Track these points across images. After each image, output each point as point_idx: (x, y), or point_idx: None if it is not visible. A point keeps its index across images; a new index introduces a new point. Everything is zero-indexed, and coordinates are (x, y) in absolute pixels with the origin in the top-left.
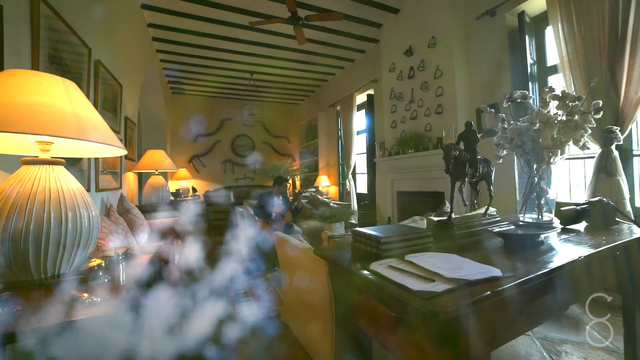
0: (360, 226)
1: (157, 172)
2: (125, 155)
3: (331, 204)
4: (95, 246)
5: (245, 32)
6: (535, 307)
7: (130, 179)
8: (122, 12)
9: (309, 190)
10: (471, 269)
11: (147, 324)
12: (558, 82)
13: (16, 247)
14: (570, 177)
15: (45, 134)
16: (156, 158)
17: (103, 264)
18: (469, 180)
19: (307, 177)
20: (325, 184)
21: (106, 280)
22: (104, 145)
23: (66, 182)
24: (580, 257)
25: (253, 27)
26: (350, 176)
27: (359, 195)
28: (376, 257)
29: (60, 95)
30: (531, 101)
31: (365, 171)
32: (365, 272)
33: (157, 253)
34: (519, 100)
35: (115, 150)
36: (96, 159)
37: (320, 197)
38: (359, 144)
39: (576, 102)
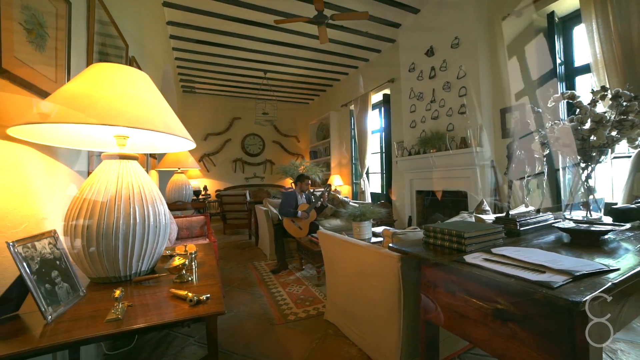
0: (377, 225)
1: (179, 170)
2: (150, 154)
3: (350, 203)
4: (166, 243)
5: (262, 30)
6: (631, 304)
7: (152, 178)
8: (148, 9)
9: (327, 189)
10: (571, 263)
11: None
12: (587, 82)
13: (108, 244)
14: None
15: (139, 127)
16: (180, 156)
17: (187, 263)
18: (526, 178)
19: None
20: (337, 183)
21: (190, 279)
22: (180, 138)
23: (143, 177)
24: None
25: (271, 25)
26: (364, 175)
27: (371, 195)
28: (457, 252)
29: (143, 88)
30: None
31: (379, 170)
32: (463, 265)
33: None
34: (567, 101)
35: (185, 143)
36: None
37: (339, 196)
38: (373, 144)
39: (633, 102)
